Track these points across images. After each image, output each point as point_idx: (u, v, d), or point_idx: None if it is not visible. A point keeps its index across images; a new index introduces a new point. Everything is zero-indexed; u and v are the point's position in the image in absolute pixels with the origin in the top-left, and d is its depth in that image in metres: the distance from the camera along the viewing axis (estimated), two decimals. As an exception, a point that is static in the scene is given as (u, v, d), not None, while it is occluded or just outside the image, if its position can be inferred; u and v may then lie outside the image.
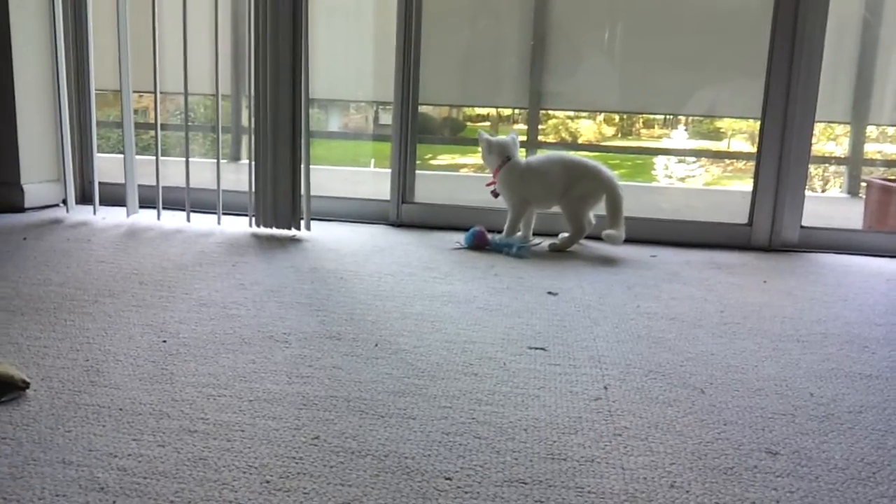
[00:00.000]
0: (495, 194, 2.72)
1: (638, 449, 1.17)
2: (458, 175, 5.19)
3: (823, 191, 4.84)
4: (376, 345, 1.60)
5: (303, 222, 2.69)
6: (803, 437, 1.24)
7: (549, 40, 3.13)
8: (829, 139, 4.56)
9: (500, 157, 2.67)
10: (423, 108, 3.18)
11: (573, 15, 3.14)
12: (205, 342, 1.57)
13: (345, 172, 4.60)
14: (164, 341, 1.56)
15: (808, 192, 2.81)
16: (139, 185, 2.86)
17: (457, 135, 4.98)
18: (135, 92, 2.84)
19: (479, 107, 4.68)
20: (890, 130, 4.45)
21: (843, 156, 4.54)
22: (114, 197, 2.95)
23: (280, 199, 2.64)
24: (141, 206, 2.87)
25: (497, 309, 1.90)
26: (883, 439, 1.25)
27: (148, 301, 1.83)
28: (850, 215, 3.80)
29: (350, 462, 1.10)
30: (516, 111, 4.60)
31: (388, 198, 2.99)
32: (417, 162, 3.04)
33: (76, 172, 2.99)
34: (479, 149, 2.74)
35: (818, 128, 2.82)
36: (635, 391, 1.41)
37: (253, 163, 2.67)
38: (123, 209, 2.84)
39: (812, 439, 1.24)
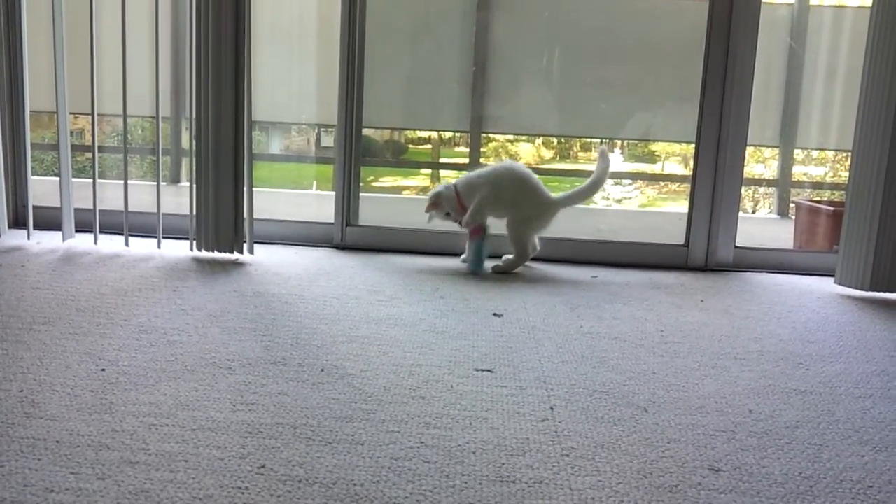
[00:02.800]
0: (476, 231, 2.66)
1: (585, 469, 1.19)
2: (400, 197, 5.20)
3: (754, 211, 5.00)
4: (322, 370, 1.59)
5: (245, 245, 2.65)
6: (744, 453, 1.28)
7: (490, 66, 3.18)
8: (758, 162, 4.72)
9: (450, 195, 2.69)
10: (365, 131, 3.18)
11: (513, 41, 3.20)
12: (145, 370, 1.53)
13: (287, 195, 4.56)
14: (103, 370, 1.52)
15: (740, 213, 2.90)
16: (75, 209, 2.78)
17: (399, 157, 4.99)
18: (70, 113, 2.77)
19: (421, 130, 4.72)
20: (815, 153, 4.63)
21: (772, 178, 4.71)
22: (49, 221, 2.86)
23: (222, 221, 2.61)
24: (77, 231, 2.79)
25: (443, 331, 1.90)
26: (818, 453, 1.29)
27: (85, 328, 1.78)
28: (781, 235, 3.94)
29: (298, 491, 1.08)
30: (458, 134, 4.64)
31: (331, 220, 2.97)
32: (360, 184, 3.04)
33: (9, 196, 2.89)
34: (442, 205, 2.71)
35: (748, 151, 2.92)
36: (581, 411, 1.43)
37: (194, 185, 2.62)
38: (59, 233, 2.76)
39: (752, 455, 1.27)
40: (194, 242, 2.67)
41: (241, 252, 2.64)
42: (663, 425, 1.38)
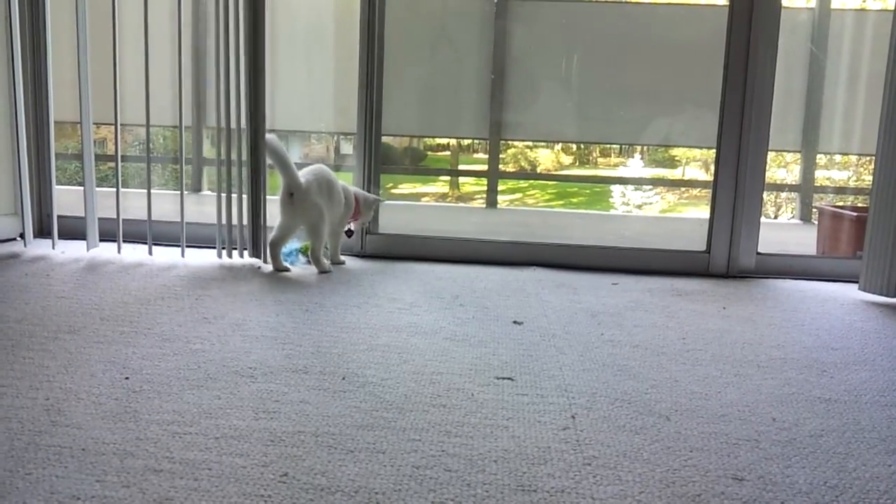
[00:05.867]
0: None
1: (607, 478, 1.19)
2: (420, 205, 5.22)
3: (776, 217, 4.96)
4: (343, 378, 1.59)
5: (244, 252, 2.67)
6: (767, 462, 1.27)
7: (509, 73, 3.19)
8: (780, 167, 4.68)
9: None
10: (384, 139, 3.20)
11: (532, 49, 3.20)
12: (169, 378, 1.55)
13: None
14: (127, 378, 1.54)
15: (762, 219, 2.88)
16: (99, 218, 2.81)
17: (418, 164, 5.01)
18: (94, 123, 2.80)
19: (440, 137, 4.73)
20: (838, 158, 4.59)
21: (794, 183, 4.67)
22: (73, 230, 2.90)
23: (243, 230, 2.63)
24: (101, 240, 2.83)
25: (463, 339, 1.91)
26: (844, 462, 1.28)
27: (109, 337, 1.80)
28: (803, 241, 3.90)
29: (320, 499, 1.09)
30: (476, 141, 4.66)
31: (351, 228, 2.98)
32: (380, 192, 3.05)
33: (34, 205, 2.93)
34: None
35: (770, 156, 2.90)
36: (602, 420, 1.42)
37: (220, 194, 2.65)
38: (83, 243, 2.79)
39: (776, 464, 1.26)
40: (216, 251, 2.69)
41: (264, 261, 2.66)
42: (686, 434, 1.37)
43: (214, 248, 2.71)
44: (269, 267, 2.65)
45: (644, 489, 1.15)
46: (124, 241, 2.81)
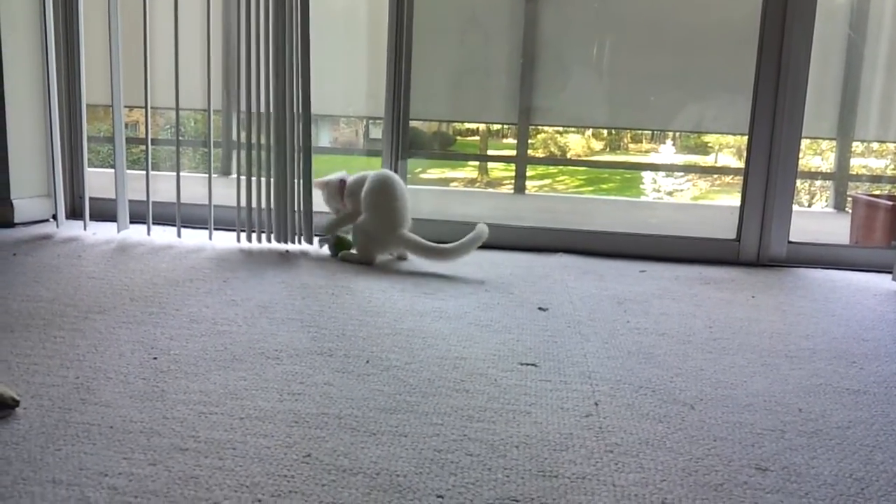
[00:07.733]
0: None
1: (629, 466, 1.18)
2: (448, 190, 5.21)
3: (809, 205, 4.88)
4: (368, 361, 1.60)
5: (296, 237, 2.69)
6: (792, 452, 1.25)
7: (539, 57, 3.16)
8: (815, 154, 4.60)
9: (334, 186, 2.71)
10: (413, 123, 3.20)
11: (562, 33, 3.17)
12: (196, 359, 1.57)
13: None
14: (155, 358, 1.56)
15: (794, 207, 2.83)
16: (129, 200, 2.85)
17: (447, 149, 5.00)
18: (125, 107, 2.83)
19: (469, 122, 4.71)
20: (875, 145, 4.50)
21: (829, 171, 4.59)
22: (104, 212, 2.94)
23: (272, 213, 2.65)
24: (131, 222, 2.86)
25: (488, 325, 1.91)
26: (871, 455, 1.26)
27: (138, 317, 1.83)
28: (837, 230, 3.84)
29: (342, 480, 1.10)
30: (506, 126, 4.63)
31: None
32: (408, 176, 3.05)
33: (66, 187, 2.98)
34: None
35: (804, 143, 2.84)
36: (626, 407, 1.42)
37: (245, 178, 2.67)
38: (114, 224, 2.83)
39: (801, 455, 1.24)
40: (244, 234, 2.71)
41: (299, 243, 2.68)
42: (710, 423, 1.36)
43: (244, 230, 2.73)
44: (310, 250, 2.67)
45: (666, 477, 1.15)
46: (154, 224, 2.84)
